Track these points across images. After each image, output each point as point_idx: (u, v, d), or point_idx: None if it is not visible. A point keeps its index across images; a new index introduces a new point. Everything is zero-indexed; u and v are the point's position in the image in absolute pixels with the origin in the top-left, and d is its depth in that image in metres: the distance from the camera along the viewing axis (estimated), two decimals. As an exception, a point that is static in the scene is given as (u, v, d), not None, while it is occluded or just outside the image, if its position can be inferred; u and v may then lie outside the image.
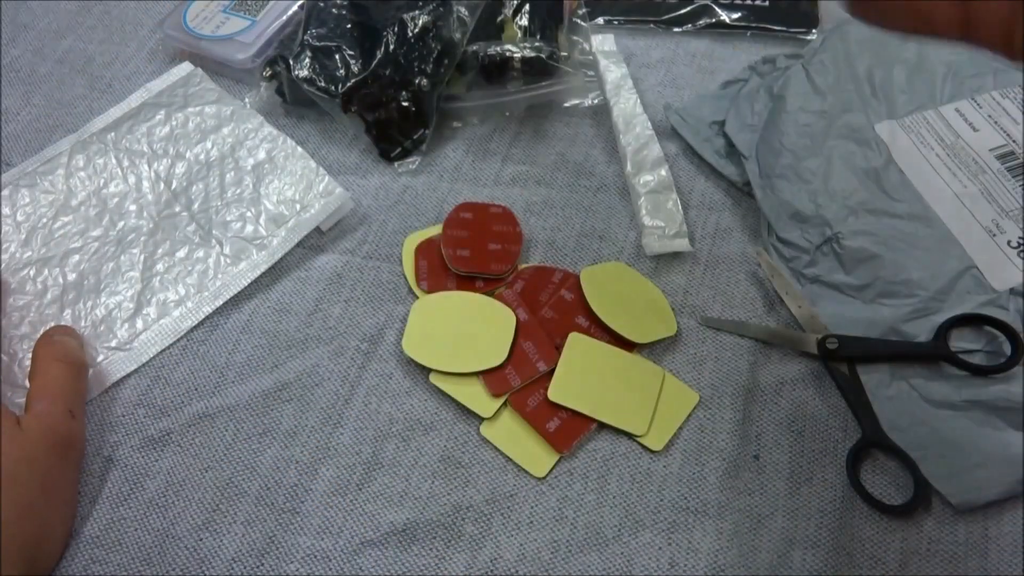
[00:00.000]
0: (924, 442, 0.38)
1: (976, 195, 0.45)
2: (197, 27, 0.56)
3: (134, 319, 0.44)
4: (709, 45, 0.57)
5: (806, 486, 0.38)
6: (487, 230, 0.46)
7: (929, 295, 0.42)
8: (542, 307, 0.44)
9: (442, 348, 0.42)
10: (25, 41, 0.60)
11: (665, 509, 0.38)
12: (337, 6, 0.52)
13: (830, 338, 0.41)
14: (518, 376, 0.41)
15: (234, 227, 0.47)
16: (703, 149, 0.50)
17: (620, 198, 0.49)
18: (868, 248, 0.43)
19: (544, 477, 0.39)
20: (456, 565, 0.37)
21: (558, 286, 0.45)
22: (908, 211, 0.45)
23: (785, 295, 0.43)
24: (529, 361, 0.41)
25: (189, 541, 0.38)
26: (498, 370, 0.41)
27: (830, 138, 0.48)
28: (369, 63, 0.50)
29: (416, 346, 0.42)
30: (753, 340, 0.43)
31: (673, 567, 0.36)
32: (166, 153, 0.50)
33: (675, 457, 0.40)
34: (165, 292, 0.45)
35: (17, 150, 0.53)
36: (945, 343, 0.40)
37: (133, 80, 0.57)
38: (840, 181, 0.46)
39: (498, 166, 0.51)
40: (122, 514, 0.39)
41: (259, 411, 0.42)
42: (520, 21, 0.52)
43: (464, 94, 0.52)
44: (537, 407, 0.40)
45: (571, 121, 0.53)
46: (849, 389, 0.40)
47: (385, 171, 0.51)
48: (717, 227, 0.48)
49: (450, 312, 0.44)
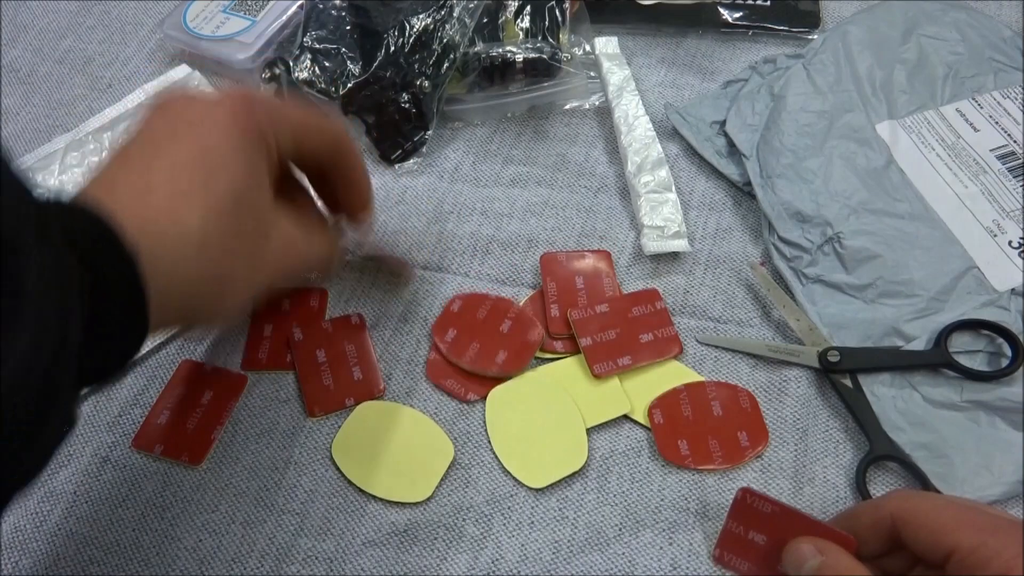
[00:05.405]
0: (925, 442, 0.38)
1: (977, 195, 0.45)
2: (197, 27, 0.56)
3: None
4: (710, 45, 0.57)
5: (808, 486, 0.38)
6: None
7: (930, 295, 0.42)
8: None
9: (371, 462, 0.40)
10: (25, 41, 0.60)
11: (666, 509, 0.38)
12: (337, 8, 0.52)
13: (831, 351, 0.41)
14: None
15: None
16: (704, 149, 0.50)
17: (620, 199, 0.49)
18: (869, 248, 0.43)
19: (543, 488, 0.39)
20: (458, 565, 0.37)
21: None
22: (909, 211, 0.45)
23: (782, 308, 0.43)
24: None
25: (188, 541, 0.38)
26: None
27: (831, 138, 0.48)
28: (369, 65, 0.50)
29: (343, 452, 0.40)
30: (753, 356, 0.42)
31: (675, 568, 0.36)
32: (165, 153, 0.50)
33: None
34: None
35: (17, 150, 0.53)
36: (945, 349, 0.40)
37: (133, 80, 0.57)
38: (841, 181, 0.46)
39: (499, 167, 0.51)
40: (120, 515, 0.39)
41: (257, 410, 0.42)
42: (521, 22, 0.52)
43: (465, 95, 0.52)
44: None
45: (571, 122, 0.53)
46: (854, 403, 0.40)
47: (385, 172, 0.51)
48: (717, 227, 0.47)
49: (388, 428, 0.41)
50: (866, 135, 0.48)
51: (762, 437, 0.39)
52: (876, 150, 0.47)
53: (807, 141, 0.48)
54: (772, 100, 0.50)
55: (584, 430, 0.40)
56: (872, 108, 0.49)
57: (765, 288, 0.44)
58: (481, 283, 0.46)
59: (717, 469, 0.39)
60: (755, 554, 0.35)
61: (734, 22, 0.56)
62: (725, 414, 0.40)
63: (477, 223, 0.48)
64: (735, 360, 0.42)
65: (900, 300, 0.42)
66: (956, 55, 0.51)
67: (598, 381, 0.41)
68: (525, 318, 0.43)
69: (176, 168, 0.30)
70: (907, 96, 0.50)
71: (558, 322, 0.43)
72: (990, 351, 0.40)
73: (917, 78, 0.50)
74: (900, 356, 0.41)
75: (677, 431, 0.39)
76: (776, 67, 0.53)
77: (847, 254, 0.43)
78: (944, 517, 0.29)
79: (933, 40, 0.52)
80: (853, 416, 0.40)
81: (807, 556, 0.31)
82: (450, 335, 0.43)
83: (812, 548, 0.31)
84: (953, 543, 0.28)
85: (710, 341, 0.43)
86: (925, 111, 0.49)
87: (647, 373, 0.42)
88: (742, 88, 0.52)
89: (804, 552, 0.32)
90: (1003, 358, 0.40)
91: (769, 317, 0.44)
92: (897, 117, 0.49)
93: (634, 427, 0.40)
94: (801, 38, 0.56)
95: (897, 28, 0.52)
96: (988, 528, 0.28)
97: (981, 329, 0.41)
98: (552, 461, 0.39)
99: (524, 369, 0.42)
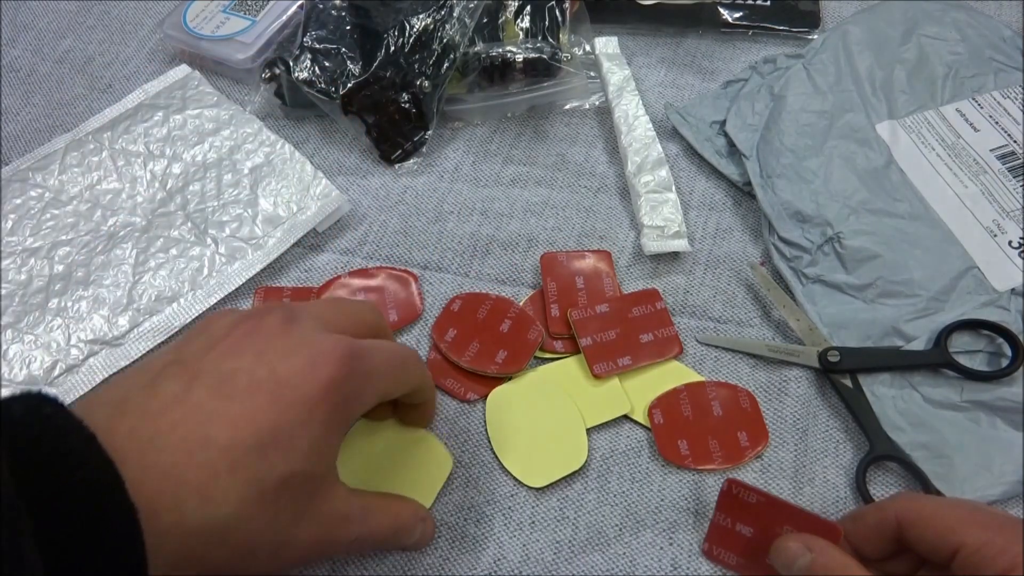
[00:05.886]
0: (925, 442, 0.38)
1: (977, 195, 0.45)
2: (197, 27, 0.56)
3: (124, 314, 0.44)
4: (710, 45, 0.57)
5: (808, 486, 0.38)
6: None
7: (930, 295, 0.42)
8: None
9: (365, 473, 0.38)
10: (25, 41, 0.60)
11: (666, 509, 0.38)
12: (337, 8, 0.52)
13: (831, 351, 0.41)
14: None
15: (230, 227, 0.47)
16: (704, 148, 0.50)
17: (620, 199, 0.49)
18: (869, 248, 0.43)
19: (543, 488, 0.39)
20: (460, 566, 0.37)
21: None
22: (909, 211, 0.45)
23: (782, 308, 0.43)
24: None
25: (189, 542, 0.38)
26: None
27: (831, 138, 0.48)
28: (369, 65, 0.50)
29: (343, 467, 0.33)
30: (753, 356, 0.42)
31: (675, 568, 0.36)
32: (163, 154, 0.50)
33: (677, 457, 0.39)
34: (157, 288, 0.45)
35: (17, 150, 0.53)
36: (945, 349, 0.40)
37: (133, 80, 0.57)
38: (841, 181, 0.46)
39: (499, 167, 0.51)
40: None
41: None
42: (521, 22, 0.52)
43: (465, 95, 0.52)
44: None
45: (571, 122, 0.53)
46: (854, 403, 0.40)
47: (385, 172, 0.51)
48: (717, 227, 0.47)
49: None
50: (866, 135, 0.48)
51: (762, 437, 0.39)
52: (876, 150, 0.47)
53: (807, 141, 0.48)
54: (772, 100, 0.50)
55: (584, 430, 0.40)
56: (872, 108, 0.49)
57: (765, 288, 0.44)
58: (481, 283, 0.46)
59: (717, 469, 0.39)
60: (742, 546, 0.35)
61: (734, 22, 0.56)
62: (725, 414, 0.40)
63: (477, 223, 0.48)
64: (735, 360, 0.42)
65: (900, 300, 0.42)
66: (956, 55, 0.51)
67: (598, 381, 0.41)
68: (525, 318, 0.43)
69: (228, 426, 0.24)
70: (907, 96, 0.50)
71: (558, 322, 0.43)
72: (990, 351, 0.40)
73: (917, 78, 0.50)
74: (900, 356, 0.41)
75: (677, 431, 0.39)
76: (776, 67, 0.53)
77: (847, 254, 0.43)
78: (950, 516, 0.30)
79: (933, 40, 0.52)
80: (853, 416, 0.40)
81: (796, 554, 0.31)
82: (450, 335, 0.43)
83: (800, 546, 0.31)
84: (959, 540, 0.28)
85: (710, 341, 0.43)
86: (925, 111, 0.49)
87: (647, 373, 0.42)
88: (742, 88, 0.52)
89: (793, 550, 0.31)
90: (1003, 358, 0.40)
91: (769, 317, 0.44)
92: (897, 117, 0.49)
93: (634, 427, 0.40)
94: (801, 38, 0.56)
95: (897, 28, 0.52)
96: (994, 526, 0.29)
97: (981, 329, 0.41)
98: (552, 461, 0.39)
99: (524, 369, 0.42)
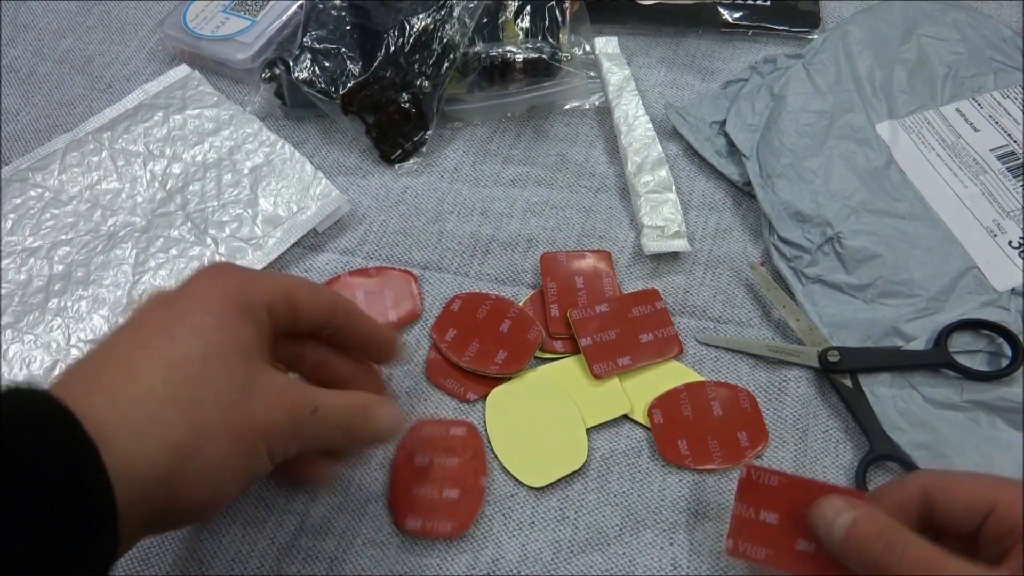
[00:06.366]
0: (925, 442, 0.38)
1: (977, 195, 0.45)
2: (197, 27, 0.56)
3: (124, 314, 0.44)
4: (710, 45, 0.57)
5: (808, 486, 0.38)
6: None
7: (930, 295, 0.42)
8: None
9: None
10: (25, 41, 0.60)
11: (666, 509, 0.38)
12: (337, 8, 0.52)
13: (831, 351, 0.41)
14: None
15: (230, 227, 0.47)
16: (704, 148, 0.50)
17: (620, 199, 0.49)
18: (869, 248, 0.43)
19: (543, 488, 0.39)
20: (458, 565, 0.37)
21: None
22: (909, 211, 0.45)
23: (782, 308, 0.43)
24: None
25: (189, 541, 0.38)
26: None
27: (831, 138, 0.48)
28: (369, 65, 0.50)
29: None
30: (753, 356, 0.42)
31: (675, 567, 0.36)
32: (163, 154, 0.50)
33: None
34: (157, 289, 0.44)
35: (17, 150, 0.53)
36: (945, 349, 0.40)
37: (133, 80, 0.57)
38: (841, 181, 0.46)
39: (499, 167, 0.51)
40: (122, 515, 0.39)
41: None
42: (521, 22, 0.52)
43: (465, 95, 0.52)
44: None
45: (571, 122, 0.53)
46: (854, 403, 0.40)
47: (385, 172, 0.51)
48: (717, 227, 0.47)
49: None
50: (866, 135, 0.48)
51: (762, 437, 0.39)
52: (876, 150, 0.47)
53: (807, 141, 0.48)
54: (772, 100, 0.50)
55: (584, 430, 0.40)
56: (872, 108, 0.49)
57: (765, 288, 0.44)
58: (481, 283, 0.46)
59: (717, 469, 0.39)
60: (770, 536, 0.32)
61: (734, 22, 0.56)
62: (725, 414, 0.40)
63: (477, 223, 0.48)
64: (735, 360, 0.42)
65: (900, 300, 0.42)
66: (956, 55, 0.51)
67: (598, 381, 0.41)
68: (525, 318, 0.43)
69: (142, 331, 0.30)
70: (907, 96, 0.50)
71: (558, 322, 0.43)
72: (990, 351, 0.40)
73: (917, 78, 0.50)
74: (900, 356, 0.41)
75: (677, 431, 0.39)
76: (776, 67, 0.53)
77: (847, 254, 0.43)
78: (980, 479, 0.30)
79: (933, 40, 0.52)
80: (853, 416, 0.40)
81: (840, 510, 0.29)
82: (450, 335, 0.43)
83: (843, 502, 0.30)
84: (994, 498, 0.28)
85: (710, 341, 0.43)
86: (925, 111, 0.49)
87: (647, 373, 0.42)
88: (742, 88, 0.52)
89: (836, 507, 0.29)
90: (1003, 358, 0.40)
91: (769, 317, 0.44)
92: (897, 117, 0.49)
93: (634, 427, 0.40)
94: (801, 38, 0.56)
95: (897, 28, 0.52)
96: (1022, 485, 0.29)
97: (981, 329, 0.41)
98: (552, 461, 0.39)
99: (524, 369, 0.42)
